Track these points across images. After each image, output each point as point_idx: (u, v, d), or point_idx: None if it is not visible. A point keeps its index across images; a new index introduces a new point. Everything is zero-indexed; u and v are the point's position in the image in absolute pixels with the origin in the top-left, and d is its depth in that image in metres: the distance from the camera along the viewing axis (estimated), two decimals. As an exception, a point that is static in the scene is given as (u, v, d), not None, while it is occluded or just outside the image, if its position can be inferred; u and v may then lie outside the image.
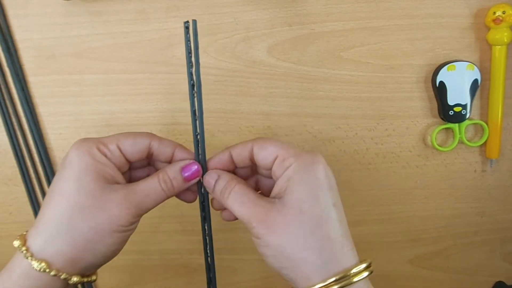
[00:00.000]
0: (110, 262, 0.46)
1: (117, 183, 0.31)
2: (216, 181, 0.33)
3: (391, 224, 0.48)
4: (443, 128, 0.45)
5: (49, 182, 0.47)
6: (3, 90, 0.45)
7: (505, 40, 0.43)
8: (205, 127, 0.45)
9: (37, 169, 0.47)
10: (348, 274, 0.28)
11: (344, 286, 0.28)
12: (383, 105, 0.46)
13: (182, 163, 0.33)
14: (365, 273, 0.29)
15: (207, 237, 0.36)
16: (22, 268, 0.29)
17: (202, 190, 0.35)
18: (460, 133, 0.45)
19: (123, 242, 0.32)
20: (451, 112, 0.44)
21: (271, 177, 0.33)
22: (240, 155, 0.33)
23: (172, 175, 0.32)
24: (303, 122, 0.46)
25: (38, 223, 0.30)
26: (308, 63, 0.45)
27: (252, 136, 0.46)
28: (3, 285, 0.29)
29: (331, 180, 0.30)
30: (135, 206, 0.30)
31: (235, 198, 0.31)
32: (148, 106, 0.45)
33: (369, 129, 0.46)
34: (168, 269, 0.49)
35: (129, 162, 0.33)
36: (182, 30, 0.44)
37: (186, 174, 0.33)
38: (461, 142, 0.46)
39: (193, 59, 0.32)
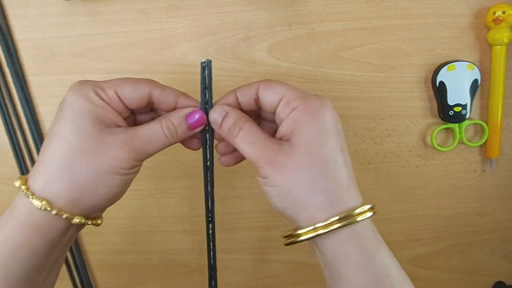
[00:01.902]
0: (110, 261, 0.46)
1: (118, 126, 0.30)
2: (223, 118, 0.32)
3: (391, 223, 0.48)
4: (443, 128, 0.45)
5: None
6: (3, 90, 0.45)
7: (505, 40, 0.43)
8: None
9: (37, 169, 0.47)
10: (352, 214, 0.28)
11: (348, 224, 0.28)
12: (383, 105, 0.46)
13: (187, 110, 0.32)
14: (369, 213, 0.29)
15: (208, 186, 0.35)
16: (23, 206, 0.28)
17: (208, 143, 0.34)
18: (460, 133, 0.45)
19: (126, 185, 0.31)
20: (451, 112, 0.44)
21: (274, 122, 0.32)
22: (246, 96, 0.32)
23: (176, 122, 0.31)
24: (303, 122, 0.46)
25: (38, 165, 0.29)
26: (308, 63, 0.45)
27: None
28: (4, 220, 0.29)
29: (338, 124, 0.30)
30: (136, 150, 0.30)
31: (244, 137, 0.31)
32: (148, 106, 0.45)
33: (369, 129, 0.46)
34: (168, 269, 0.49)
35: (129, 109, 0.32)
36: (182, 30, 0.44)
37: (190, 122, 0.32)
38: (461, 142, 0.46)
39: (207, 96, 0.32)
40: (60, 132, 0.29)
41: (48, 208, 0.28)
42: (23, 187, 0.29)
